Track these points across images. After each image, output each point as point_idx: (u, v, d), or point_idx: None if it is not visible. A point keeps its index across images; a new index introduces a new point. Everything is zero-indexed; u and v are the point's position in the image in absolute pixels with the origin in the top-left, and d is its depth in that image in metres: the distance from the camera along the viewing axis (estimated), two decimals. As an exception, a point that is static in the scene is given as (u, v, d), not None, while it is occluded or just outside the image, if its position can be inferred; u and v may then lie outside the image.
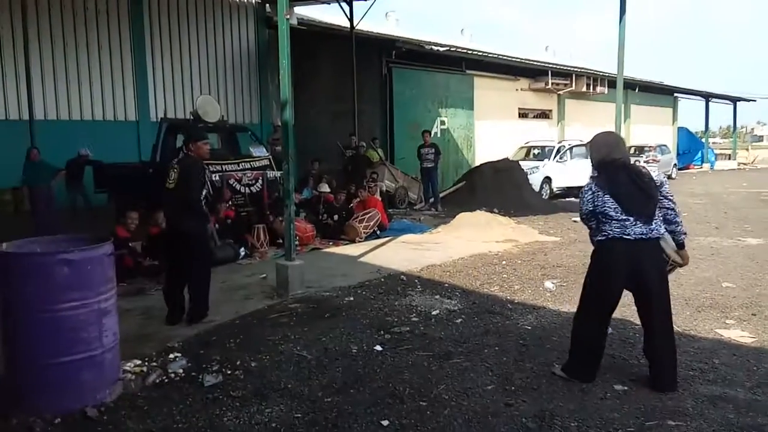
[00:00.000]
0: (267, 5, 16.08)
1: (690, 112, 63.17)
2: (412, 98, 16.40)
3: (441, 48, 17.21)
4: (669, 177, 23.29)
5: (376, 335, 4.91)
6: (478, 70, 18.66)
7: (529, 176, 14.99)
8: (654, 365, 3.86)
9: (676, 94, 31.65)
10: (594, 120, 23.46)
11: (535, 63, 21.64)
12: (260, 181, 9.52)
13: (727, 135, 55.68)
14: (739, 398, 3.69)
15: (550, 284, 6.57)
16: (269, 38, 16.11)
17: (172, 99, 14.39)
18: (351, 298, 6.09)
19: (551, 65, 22.12)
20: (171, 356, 4.41)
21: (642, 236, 3.72)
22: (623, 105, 12.82)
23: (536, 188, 15.24)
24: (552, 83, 21.16)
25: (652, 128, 28.35)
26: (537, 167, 16.02)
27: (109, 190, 11.12)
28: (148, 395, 3.81)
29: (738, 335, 4.87)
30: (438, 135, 16.96)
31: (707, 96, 33.08)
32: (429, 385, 3.91)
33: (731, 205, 14.43)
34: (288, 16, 6.36)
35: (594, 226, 3.94)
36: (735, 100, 34.91)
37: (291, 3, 6.44)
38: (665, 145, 25.25)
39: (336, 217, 9.96)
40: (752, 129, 79.98)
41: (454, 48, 18.34)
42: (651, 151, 23.13)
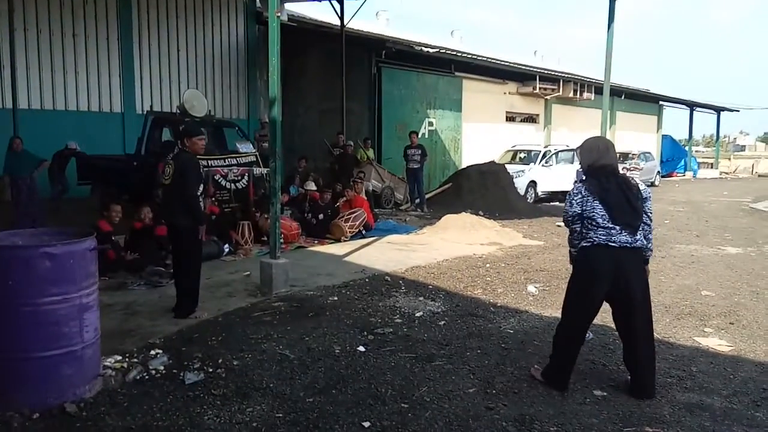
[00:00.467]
0: (257, 0, 15.99)
1: (674, 121, 64.17)
2: (401, 98, 16.42)
3: (431, 49, 17.25)
4: (652, 184, 23.57)
5: (360, 336, 4.92)
6: (467, 73, 18.73)
7: (515, 180, 15.08)
8: (636, 374, 3.89)
9: (662, 103, 32.02)
10: (580, 125, 23.71)
11: (524, 67, 21.78)
12: (246, 178, 9.47)
13: (710, 144, 56.45)
14: (716, 406, 3.75)
15: (533, 288, 6.62)
16: (259, 34, 16.05)
17: (159, 92, 14.27)
18: (335, 298, 6.09)
19: (539, 70, 22.28)
20: (152, 353, 4.38)
21: (626, 244, 3.76)
22: (609, 111, 12.95)
23: (521, 192, 15.34)
24: (540, 88, 21.30)
25: (637, 135, 28.67)
26: (523, 171, 16.13)
27: (93, 182, 11.02)
28: (129, 392, 3.78)
29: (716, 343, 4.95)
30: (426, 136, 17.00)
31: (692, 105, 33.51)
32: (411, 387, 3.93)
33: (712, 214, 14.65)
34: (279, 14, 6.33)
35: (578, 230, 3.93)
36: (719, 110, 35.39)
37: (282, 0, 6.42)
38: (649, 153, 25.55)
39: (321, 216, 9.94)
40: (735, 139, 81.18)
41: (444, 50, 18.39)
42: (634, 159, 23.18)
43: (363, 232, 9.94)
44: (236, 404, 3.64)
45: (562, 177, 17.16)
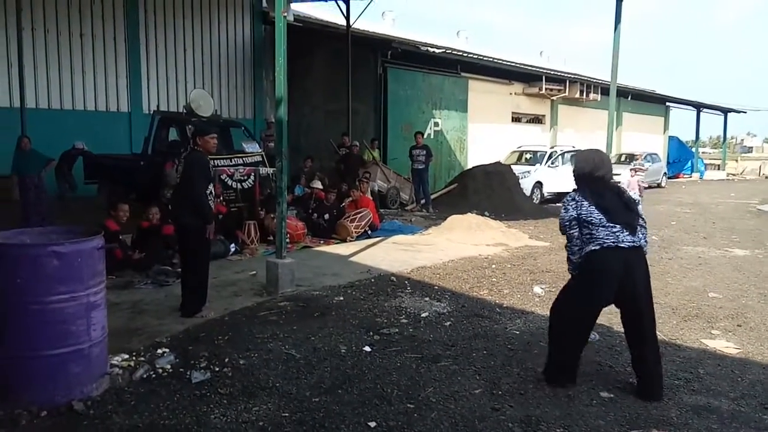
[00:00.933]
0: (264, 0, 16.02)
1: (681, 122, 63.74)
2: (407, 99, 16.41)
3: (437, 50, 17.23)
4: (659, 185, 23.47)
5: (365, 336, 4.92)
6: (473, 73, 18.70)
7: (521, 180, 15.05)
8: (644, 375, 3.88)
9: (668, 104, 31.90)
10: (586, 126, 23.65)
11: (530, 68, 21.74)
12: (252, 177, 9.49)
13: (717, 145, 56.24)
14: (723, 409, 3.73)
15: (539, 289, 6.60)
16: (265, 34, 16.08)
17: (166, 91, 14.31)
18: (341, 298, 6.09)
19: (545, 71, 22.23)
20: (159, 351, 4.40)
21: (633, 244, 3.78)
22: (615, 112, 12.92)
23: (527, 192, 15.30)
24: (546, 88, 21.25)
25: (644, 136, 28.56)
26: (528, 172, 16.09)
27: (99, 182, 11.06)
28: (135, 390, 3.79)
29: (723, 346, 4.93)
30: (431, 136, 16.98)
31: (698, 106, 33.37)
32: (417, 388, 3.93)
33: (719, 216, 14.57)
34: (285, 14, 6.34)
35: (577, 235, 3.90)
36: (726, 111, 35.23)
37: (288, 0, 6.43)
38: (656, 154, 25.43)
39: (327, 216, 9.95)
40: (742, 140, 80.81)
41: (450, 50, 18.37)
42: (638, 159, 22.58)
43: (368, 233, 9.94)
44: (243, 403, 3.65)
45: (568, 178, 16.97)
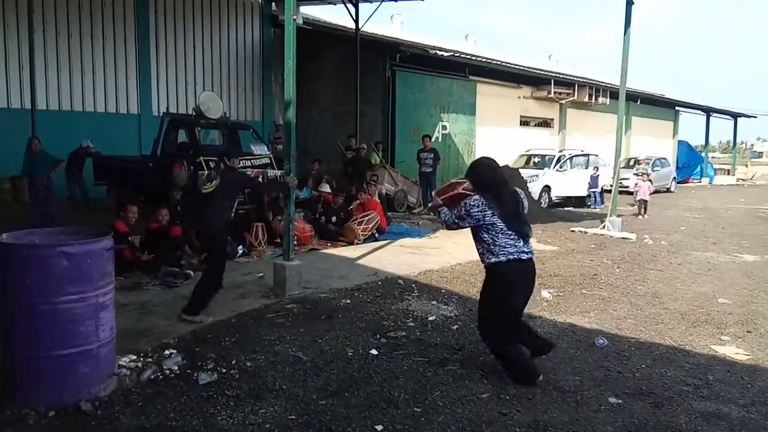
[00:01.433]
0: (273, 4, 16.09)
1: (690, 126, 63.49)
2: (415, 102, 16.41)
3: (445, 53, 17.23)
4: (668, 190, 23.32)
5: (372, 339, 4.91)
6: (482, 77, 18.68)
7: (529, 184, 14.98)
8: (540, 343, 4.34)
9: (677, 108, 31.73)
10: (595, 130, 23.55)
11: (538, 71, 21.69)
12: (260, 180, 9.50)
13: (727, 150, 55.86)
14: (733, 415, 3.70)
15: (547, 293, 6.58)
16: (274, 37, 16.14)
17: (175, 94, 14.39)
18: (348, 301, 6.09)
19: (554, 74, 22.17)
20: (166, 353, 4.41)
21: (531, 254, 4.05)
22: (625, 116, 12.86)
23: (536, 196, 15.24)
24: (554, 92, 21.20)
25: (653, 141, 28.41)
26: (537, 175, 16.04)
27: (109, 183, 11.12)
28: (143, 391, 3.80)
29: (733, 352, 4.88)
30: (439, 140, 16.97)
31: (708, 110, 33.17)
32: (424, 391, 3.92)
33: (729, 221, 14.47)
34: (295, 17, 6.36)
35: (486, 239, 4.00)
36: (736, 116, 35.00)
37: (297, 3, 6.43)
38: (665, 158, 25.28)
39: (334, 219, 9.95)
40: (752, 145, 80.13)
41: (458, 53, 18.36)
42: (642, 164, 21.43)
43: (376, 235, 9.94)
44: (249, 405, 3.65)
45: (577, 182, 17.06)
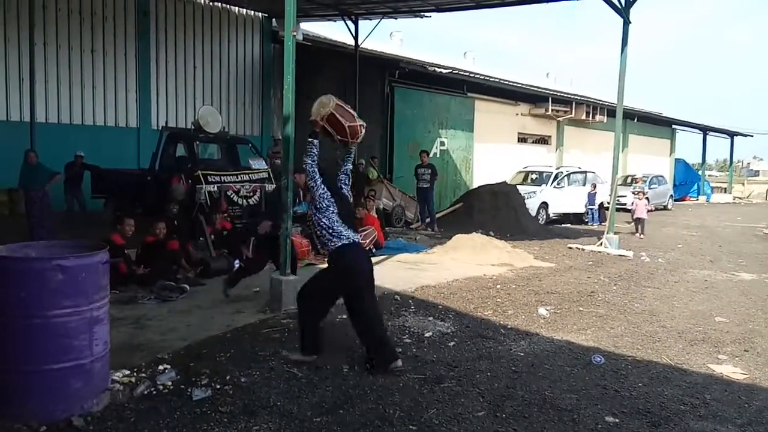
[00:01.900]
0: (273, 20, 16.21)
1: (687, 144, 63.81)
2: (413, 118, 16.49)
3: (443, 70, 17.36)
4: (665, 208, 23.38)
5: (368, 355, 4.87)
6: (480, 94, 18.81)
7: (527, 201, 15.03)
8: (380, 347, 4.48)
9: (674, 126, 31.94)
10: (593, 148, 23.69)
11: (536, 89, 21.84)
12: (258, 194, 9.52)
13: (724, 168, 56.10)
14: (730, 436, 3.67)
15: (544, 311, 6.56)
16: (274, 52, 16.24)
17: (174, 108, 14.44)
18: (344, 316, 6.02)
19: (552, 92, 22.33)
20: (160, 368, 4.37)
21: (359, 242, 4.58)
22: (622, 134, 12.94)
23: (533, 213, 15.28)
24: (552, 110, 21.34)
25: (650, 158, 28.56)
26: (534, 192, 16.09)
27: (107, 196, 11.12)
28: (136, 407, 3.76)
29: (730, 371, 4.86)
30: (437, 156, 17.03)
31: (705, 129, 33.40)
32: (419, 409, 3.88)
33: (726, 239, 14.49)
34: (295, 33, 6.41)
35: (325, 224, 4.45)
36: (732, 135, 35.24)
37: (297, 19, 6.49)
38: (662, 176, 25.39)
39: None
40: (748, 163, 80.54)
41: (457, 70, 18.49)
42: (638, 182, 21.72)
43: (373, 251, 9.90)
44: (243, 422, 3.61)
45: (574, 199, 17.10)
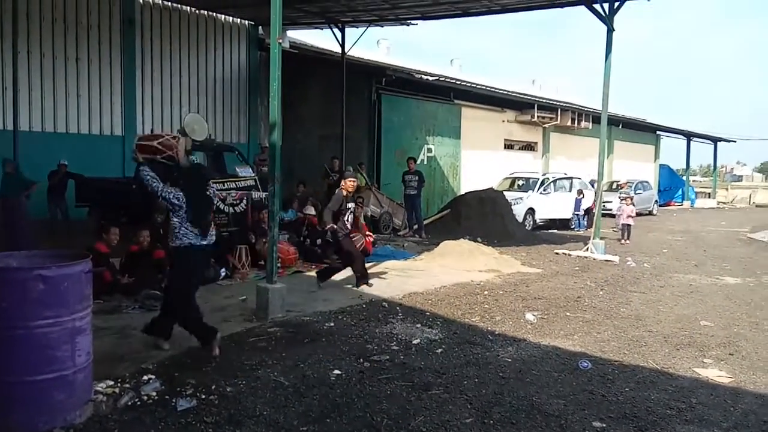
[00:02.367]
0: (260, 28, 16.19)
1: (672, 150, 64.33)
2: (400, 125, 16.53)
3: (430, 77, 17.43)
4: (650, 213, 23.59)
5: (356, 363, 4.86)
6: (466, 101, 18.90)
7: (513, 207, 15.10)
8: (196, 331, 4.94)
9: (659, 132, 32.27)
10: (578, 154, 23.86)
11: (522, 96, 21.99)
12: (244, 202, 9.47)
13: (708, 174, 56.78)
14: (716, 439, 3.69)
15: (531, 316, 6.57)
16: (260, 60, 16.20)
17: (160, 115, 14.34)
18: (331, 324, 6.04)
19: (537, 99, 22.49)
20: (145, 378, 4.32)
21: (207, 245, 4.90)
22: (607, 140, 13.05)
23: (520, 219, 15.35)
24: (538, 116, 21.48)
25: (635, 164, 28.82)
26: (521, 198, 16.16)
27: (91, 205, 10.99)
28: (120, 418, 3.71)
29: (716, 375, 4.90)
30: (424, 162, 17.08)
31: (689, 135, 33.78)
32: (407, 417, 3.86)
33: (711, 244, 14.64)
34: (281, 41, 6.41)
35: (177, 223, 4.77)
36: (716, 140, 35.68)
37: (284, 27, 6.50)
38: (647, 182, 25.64)
39: (319, 241, 9.91)
40: (732, 169, 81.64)
41: (443, 78, 18.58)
42: (623, 188, 21.97)
43: (361, 258, 9.89)
44: (229, 432, 3.58)
45: (561, 204, 17.21)
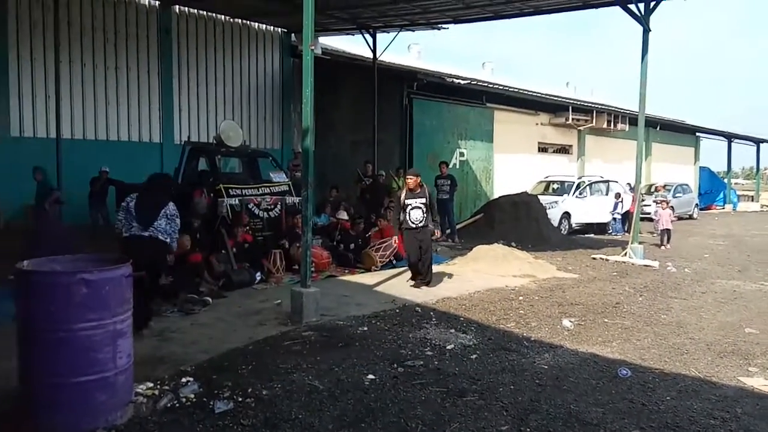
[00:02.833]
0: (292, 35, 16.38)
1: (712, 152, 62.49)
2: (432, 129, 16.49)
3: (462, 81, 17.35)
4: (690, 217, 22.98)
5: (389, 368, 4.85)
6: (499, 104, 18.74)
7: (548, 211, 14.89)
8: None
9: (698, 134, 31.46)
10: (615, 156, 23.42)
11: (556, 98, 21.70)
12: (279, 207, 9.57)
13: (750, 176, 54.96)
14: (764, 451, 3.56)
15: (568, 322, 6.46)
16: (293, 66, 16.38)
17: (197, 123, 14.62)
18: (365, 328, 6.04)
19: (572, 101, 22.17)
20: (183, 380, 4.39)
21: (141, 234, 5.71)
22: (645, 143, 12.78)
23: (555, 223, 15.12)
24: (572, 119, 21.16)
25: (674, 167, 28.14)
26: (556, 202, 15.93)
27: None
28: (159, 420, 3.78)
29: (761, 384, 4.73)
30: (457, 166, 16.99)
31: (730, 136, 32.83)
32: (442, 423, 3.84)
33: (754, 248, 14.17)
34: (313, 47, 6.46)
35: (120, 220, 5.86)
36: (758, 141, 34.58)
37: (316, 33, 6.56)
38: (687, 185, 24.97)
39: (352, 246, 9.95)
40: (775, 171, 78.87)
41: (475, 81, 18.47)
42: (660, 191, 21.59)
43: (393, 262, 9.90)
44: (265, 435, 3.60)
45: (597, 208, 16.90)
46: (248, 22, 15.50)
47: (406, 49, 24.38)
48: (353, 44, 17.85)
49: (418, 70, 16.96)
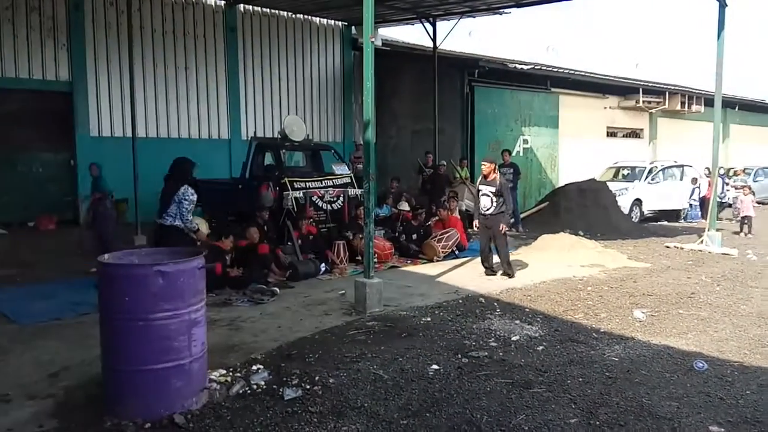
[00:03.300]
0: (352, 28, 16.49)
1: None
2: (494, 117, 16.22)
3: (525, 66, 16.96)
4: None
5: (453, 358, 4.85)
6: (564, 88, 18.20)
7: (618, 198, 14.37)
8: None
9: (783, 113, 29.44)
10: (690, 139, 22.29)
11: (625, 80, 20.85)
12: (341, 199, 9.70)
13: (842, 156, 51.06)
14: None
15: (640, 314, 6.23)
16: (354, 59, 16.50)
17: (262, 118, 15.00)
18: (428, 319, 6.05)
19: (642, 83, 21.23)
20: (254, 368, 4.55)
21: (160, 223, 6.36)
22: (722, 124, 12.11)
23: (625, 211, 14.57)
24: (643, 101, 20.30)
25: (755, 149, 26.49)
26: (626, 189, 15.34)
27: (202, 205, 11.69)
28: (232, 405, 3.93)
29: None
30: (520, 154, 16.67)
31: (818, 114, 30.54)
32: (508, 414, 3.81)
33: None
34: (373, 39, 6.49)
35: None
36: None
37: (375, 25, 6.58)
38: (768, 168, 23.43)
39: (414, 236, 9.96)
40: None
41: (539, 66, 18.01)
42: (739, 175, 20.33)
43: (456, 253, 9.85)
44: (332, 422, 3.69)
45: (671, 194, 16.17)
46: (310, 17, 15.72)
47: (467, 36, 24.09)
48: (412, 33, 17.80)
49: (479, 57, 16.70)
